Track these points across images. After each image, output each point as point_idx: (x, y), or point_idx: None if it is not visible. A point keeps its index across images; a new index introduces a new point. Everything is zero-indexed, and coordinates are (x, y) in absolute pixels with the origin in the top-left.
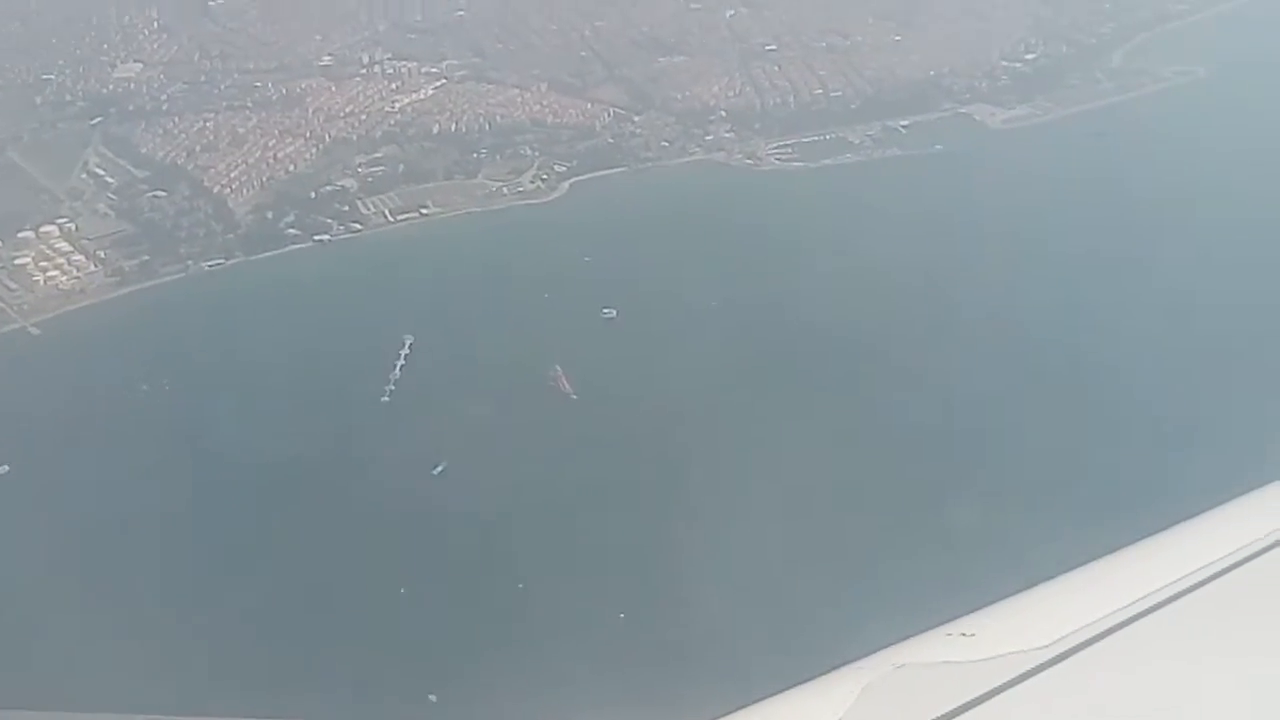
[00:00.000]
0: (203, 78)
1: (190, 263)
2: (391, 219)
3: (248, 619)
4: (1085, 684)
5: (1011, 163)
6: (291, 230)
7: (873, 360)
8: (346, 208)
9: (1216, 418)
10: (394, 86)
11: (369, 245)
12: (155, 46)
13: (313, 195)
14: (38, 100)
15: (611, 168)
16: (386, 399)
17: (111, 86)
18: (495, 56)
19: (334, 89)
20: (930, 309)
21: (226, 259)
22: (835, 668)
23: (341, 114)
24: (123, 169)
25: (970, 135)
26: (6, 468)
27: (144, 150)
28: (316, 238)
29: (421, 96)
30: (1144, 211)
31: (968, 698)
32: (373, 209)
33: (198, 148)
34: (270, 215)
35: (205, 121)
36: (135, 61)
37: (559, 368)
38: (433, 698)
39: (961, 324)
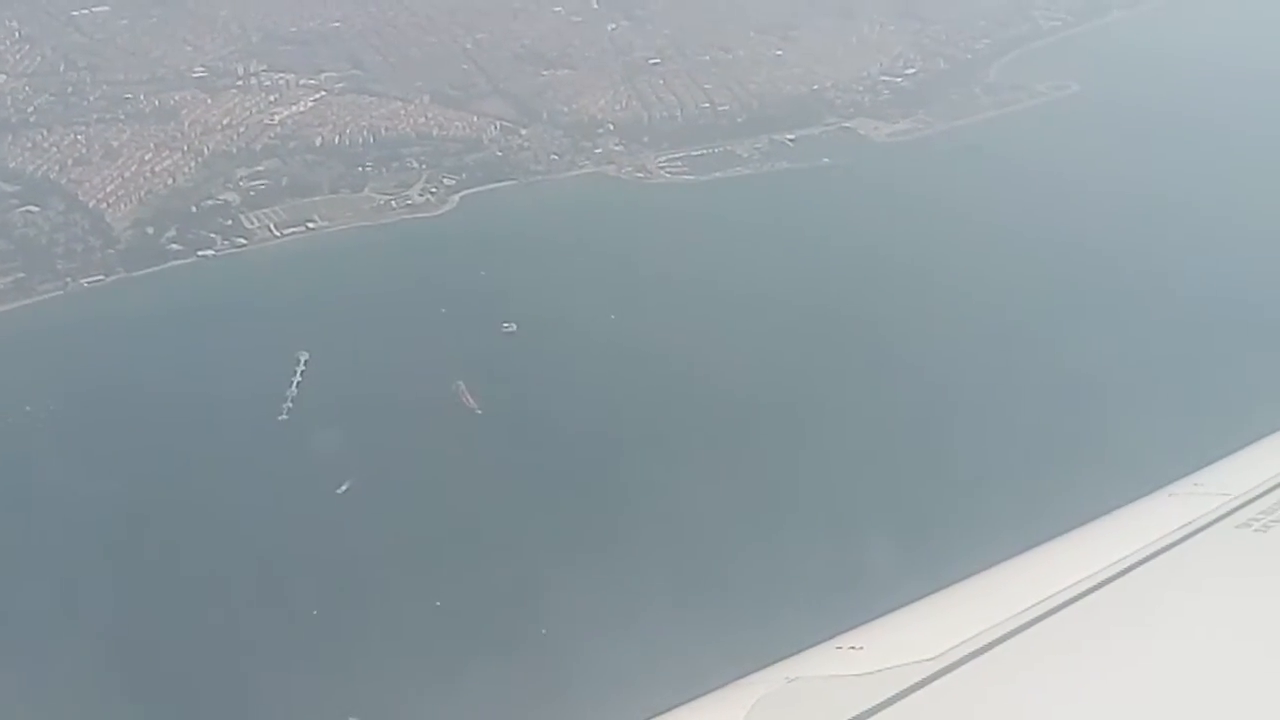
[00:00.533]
0: (70, 89)
1: (69, 280)
2: (277, 233)
3: (151, 645)
4: (973, 695)
5: (896, 176)
6: (174, 245)
7: (769, 374)
8: (230, 222)
9: (1097, 426)
10: (272, 99)
11: (255, 260)
12: (18, 57)
13: (194, 209)
14: None
15: (501, 181)
16: (284, 417)
17: None
18: (374, 68)
19: (210, 101)
20: (823, 322)
21: (106, 275)
22: (726, 683)
23: (219, 127)
24: None
25: (855, 149)
26: None
27: (12, 164)
28: (200, 253)
29: (301, 109)
30: (1020, 221)
31: (857, 710)
32: (257, 223)
33: (69, 161)
34: (151, 230)
35: (76, 134)
36: None
37: (462, 383)
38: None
39: (854, 335)
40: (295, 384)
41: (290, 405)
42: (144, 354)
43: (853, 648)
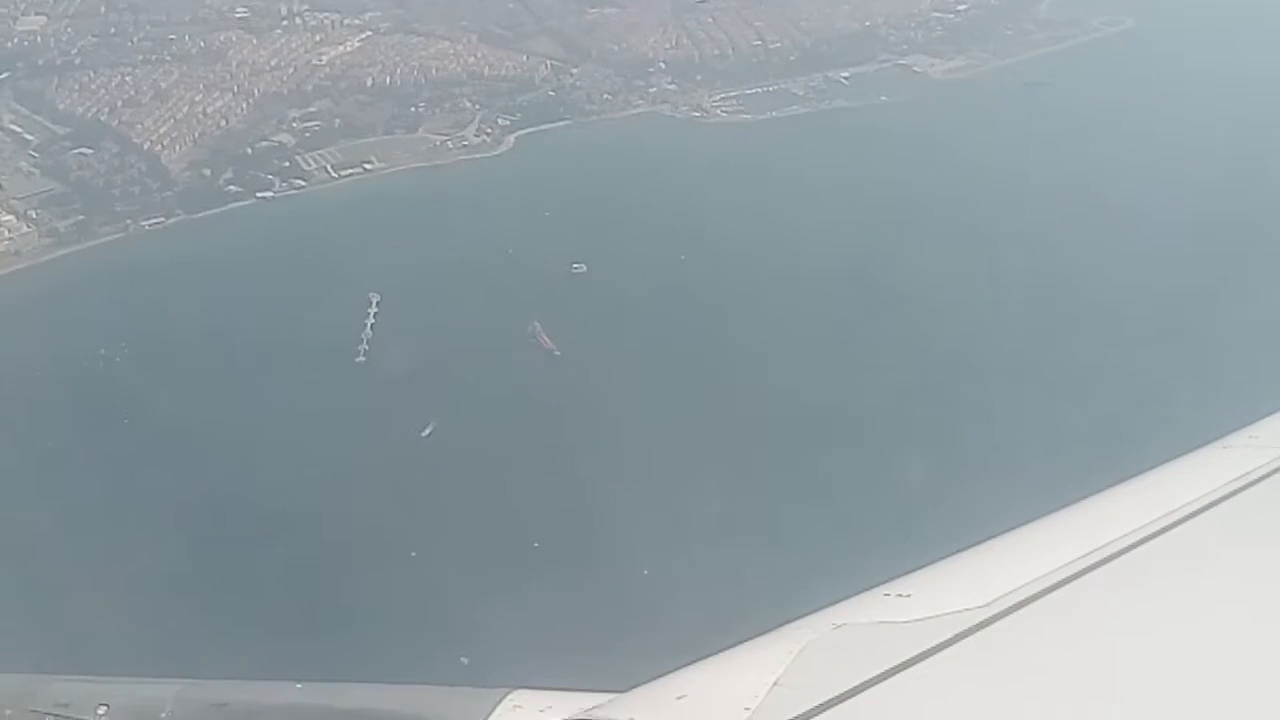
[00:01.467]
0: (113, 30)
1: (129, 222)
2: (335, 175)
3: (260, 587)
4: (1022, 643)
5: (955, 114)
6: (232, 187)
7: (850, 304)
8: (286, 164)
9: (1165, 377)
10: (318, 39)
11: (315, 202)
12: None
13: (249, 151)
14: None
15: (555, 121)
16: (361, 359)
17: (15, 40)
18: (418, 8)
19: (255, 42)
20: (900, 265)
21: (167, 218)
22: (773, 628)
23: (267, 67)
24: (40, 125)
25: (912, 87)
26: None
27: (61, 106)
28: (259, 195)
29: (348, 49)
30: (1086, 158)
31: (904, 657)
32: (314, 165)
33: (119, 103)
34: (207, 172)
35: (123, 76)
36: (38, 14)
37: (538, 324)
38: (465, 660)
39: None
40: (369, 326)
41: (366, 348)
42: (212, 297)
43: (900, 595)
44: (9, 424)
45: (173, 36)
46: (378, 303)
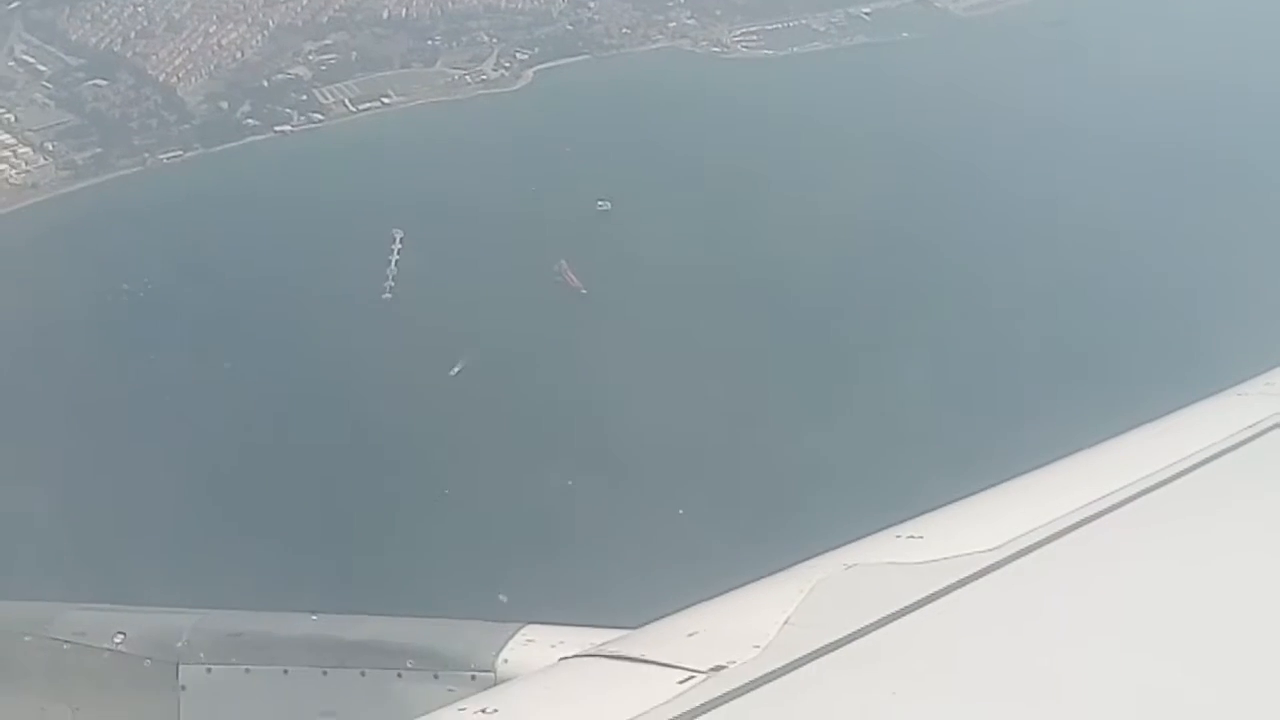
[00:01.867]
0: None
1: (147, 155)
2: (353, 109)
3: (299, 527)
4: (1035, 585)
5: (980, 51)
6: (249, 121)
7: (875, 252)
8: (304, 97)
9: (1185, 321)
10: None
11: (333, 136)
12: None
13: (265, 84)
14: None
15: (574, 55)
16: (387, 296)
17: None
18: None
19: None
20: (911, 214)
21: (184, 151)
22: (784, 568)
23: None
24: (54, 56)
25: (934, 23)
26: None
27: (74, 37)
28: (277, 128)
29: None
30: (1118, 99)
31: (916, 598)
32: (331, 98)
33: (132, 34)
34: (224, 105)
35: (135, 6)
36: None
37: (564, 262)
38: (503, 598)
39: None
40: (394, 262)
41: (392, 284)
42: (233, 233)
43: (912, 536)
44: (36, 359)
45: None
46: (401, 239)
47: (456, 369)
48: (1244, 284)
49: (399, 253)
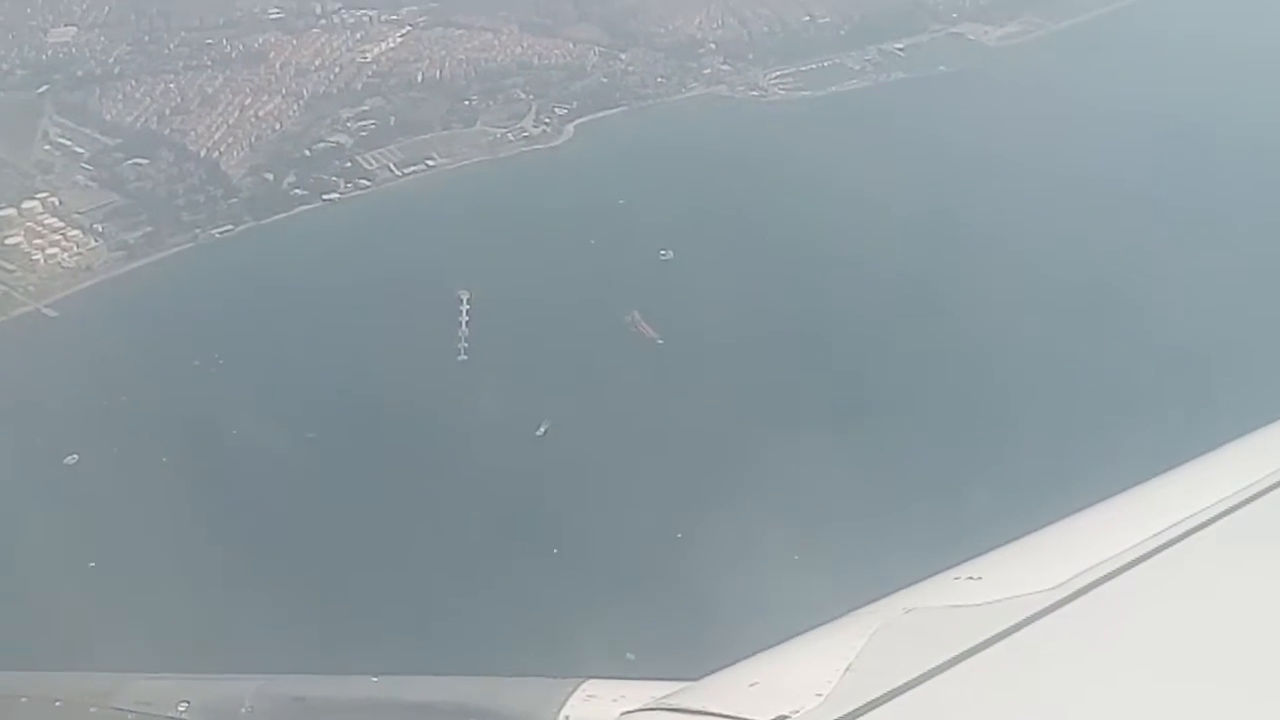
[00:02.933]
0: (147, 38)
1: (198, 231)
2: (398, 173)
3: (401, 592)
4: (1095, 626)
5: (1018, 81)
6: (297, 191)
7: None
8: (348, 164)
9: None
10: (358, 36)
11: (383, 201)
12: (85, 8)
13: (307, 153)
14: None
15: (612, 107)
16: (463, 358)
17: (50, 52)
18: (454, 0)
19: (295, 43)
20: (973, 242)
21: (235, 225)
22: (844, 614)
23: (312, 68)
24: (89, 137)
25: (970, 55)
26: (75, 457)
27: (108, 117)
28: (325, 197)
29: (390, 45)
30: (1173, 118)
31: (976, 641)
32: (375, 164)
33: (167, 111)
34: (269, 176)
35: (166, 84)
36: (67, 25)
37: (636, 313)
38: (630, 656)
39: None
40: (464, 323)
41: (465, 345)
42: (296, 302)
43: (970, 578)
44: (122, 443)
45: (209, 41)
46: (468, 299)
47: (542, 429)
48: None
49: (468, 313)
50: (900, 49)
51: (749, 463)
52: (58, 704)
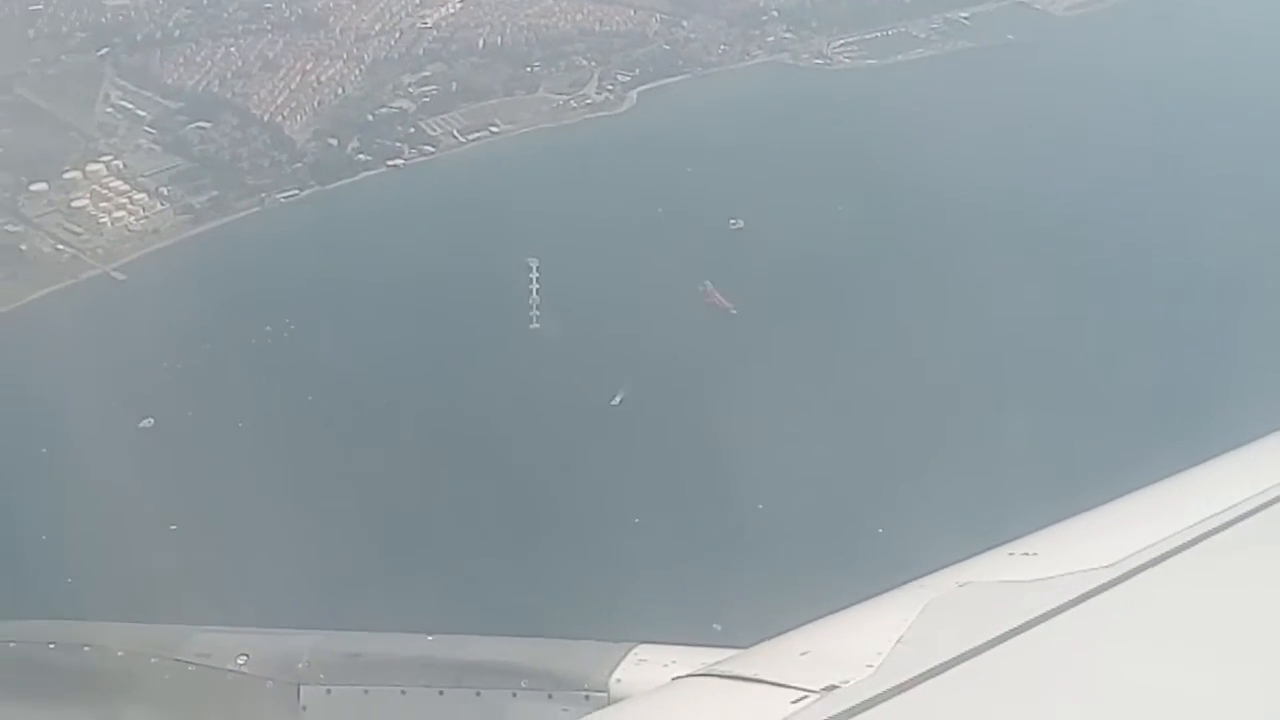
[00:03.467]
0: (205, 1)
1: (263, 195)
2: (462, 139)
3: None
4: (1150, 604)
5: (1089, 50)
6: (361, 156)
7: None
8: (412, 130)
9: None
10: (417, 1)
11: (447, 167)
12: None
13: (370, 118)
14: (31, 34)
15: (675, 75)
16: (536, 326)
17: (109, 15)
18: None
19: (355, 7)
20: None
21: (300, 190)
22: (897, 586)
23: (372, 32)
24: (151, 101)
25: (1036, 24)
26: (151, 421)
27: (169, 80)
28: (390, 163)
29: (451, 10)
30: (1243, 88)
31: (1030, 616)
32: (439, 129)
33: (228, 74)
34: (333, 141)
35: (227, 48)
36: None
37: (709, 283)
38: (717, 626)
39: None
40: (535, 291)
41: (538, 314)
42: (366, 268)
43: (1026, 553)
44: (197, 407)
45: (268, 5)
46: (537, 267)
47: (618, 399)
48: None
49: (538, 281)
50: (965, 18)
51: (826, 433)
52: (120, 654)
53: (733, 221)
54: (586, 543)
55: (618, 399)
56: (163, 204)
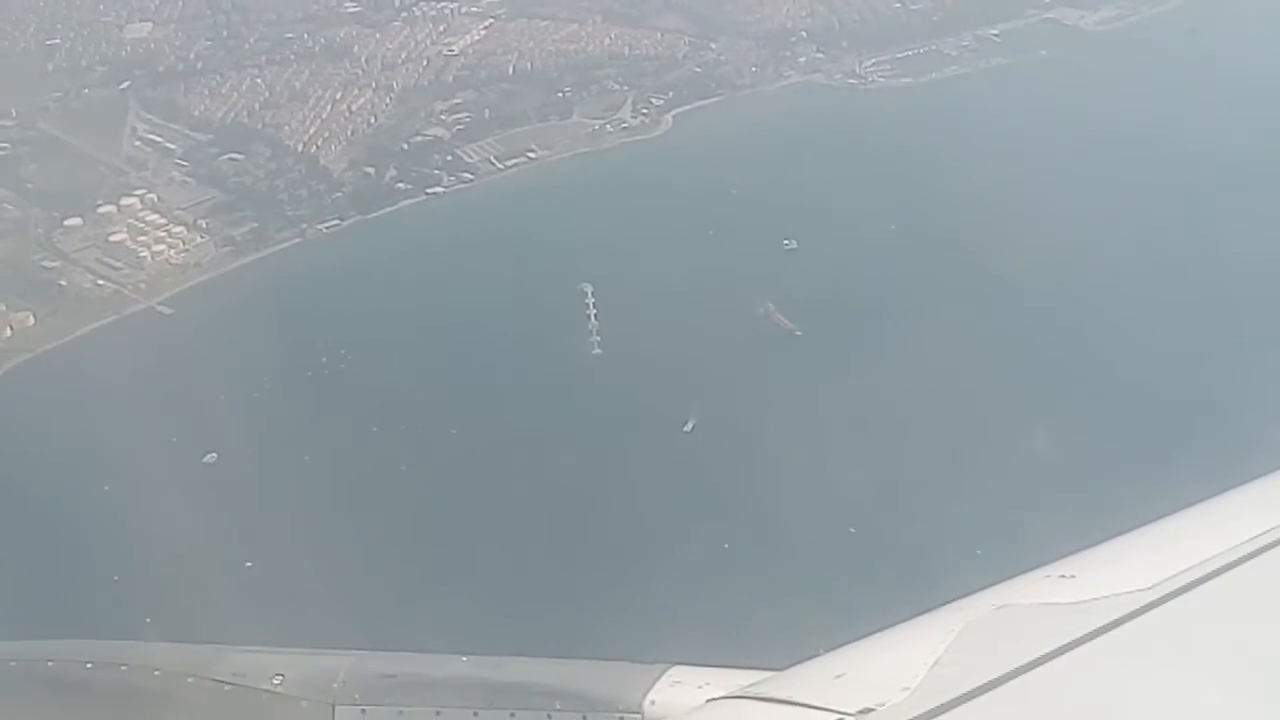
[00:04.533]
0: (225, 33)
1: (304, 226)
2: (500, 165)
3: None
4: (1190, 628)
5: (1123, 65)
6: (400, 185)
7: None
8: (449, 157)
9: None
10: (441, 29)
11: (487, 194)
12: (158, 4)
13: (405, 146)
14: (50, 68)
15: (709, 97)
16: (598, 351)
17: (129, 49)
18: None
19: (378, 36)
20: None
21: (341, 220)
22: (934, 607)
23: (398, 61)
24: (180, 133)
25: (1068, 40)
26: (214, 456)
27: (196, 112)
28: (429, 190)
29: (476, 37)
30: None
31: (1066, 639)
32: (475, 156)
33: (256, 105)
34: (371, 170)
35: (252, 78)
36: (143, 21)
37: (770, 304)
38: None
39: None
40: (593, 316)
41: (598, 339)
42: (417, 296)
43: (1064, 576)
44: (260, 441)
45: (289, 35)
46: (592, 292)
47: (690, 425)
48: None
49: (594, 305)
50: (996, 35)
51: (908, 453)
52: (156, 673)
53: (786, 242)
54: (677, 574)
55: (689, 425)
56: (202, 237)
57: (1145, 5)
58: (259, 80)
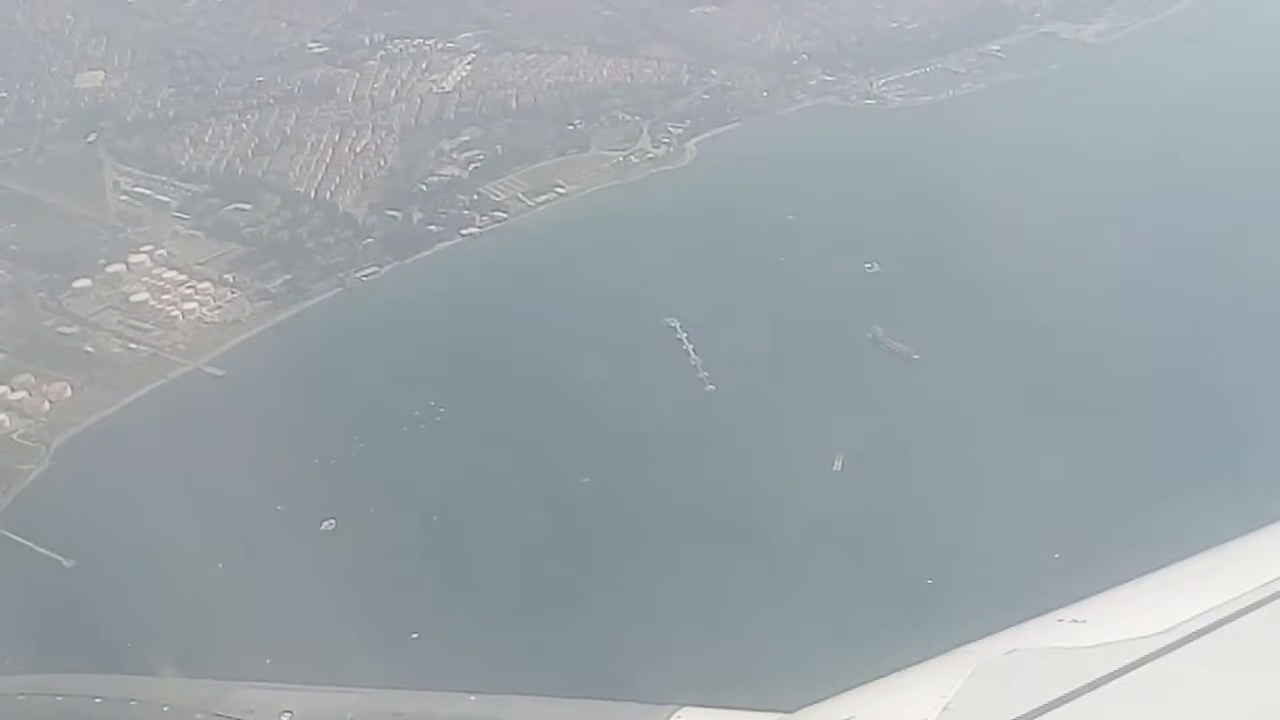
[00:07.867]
0: (188, 79)
1: (341, 275)
2: (530, 202)
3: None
4: (1196, 673)
5: (1138, 75)
6: (431, 227)
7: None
8: (475, 196)
9: None
10: (423, 66)
11: (525, 232)
12: (104, 52)
13: (423, 187)
14: (0, 122)
15: (725, 124)
16: (711, 388)
17: (86, 99)
18: (508, 26)
19: (359, 76)
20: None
21: (379, 266)
22: (945, 651)
23: (390, 100)
24: (169, 185)
25: (1072, 54)
26: (332, 522)
27: (181, 162)
28: (464, 232)
29: (463, 74)
30: None
31: (1077, 684)
32: (503, 194)
33: (249, 152)
34: (395, 214)
35: (235, 125)
36: (92, 70)
37: (879, 328)
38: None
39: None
40: (691, 351)
41: (706, 375)
42: (492, 341)
43: (1074, 621)
44: (376, 503)
45: (261, 79)
46: (681, 326)
47: (838, 464)
48: None
49: (689, 341)
50: (998, 50)
51: (1086, 476)
52: (165, 709)
53: (868, 265)
54: (883, 629)
55: (838, 464)
56: (233, 292)
57: (1137, 16)
58: (243, 126)
